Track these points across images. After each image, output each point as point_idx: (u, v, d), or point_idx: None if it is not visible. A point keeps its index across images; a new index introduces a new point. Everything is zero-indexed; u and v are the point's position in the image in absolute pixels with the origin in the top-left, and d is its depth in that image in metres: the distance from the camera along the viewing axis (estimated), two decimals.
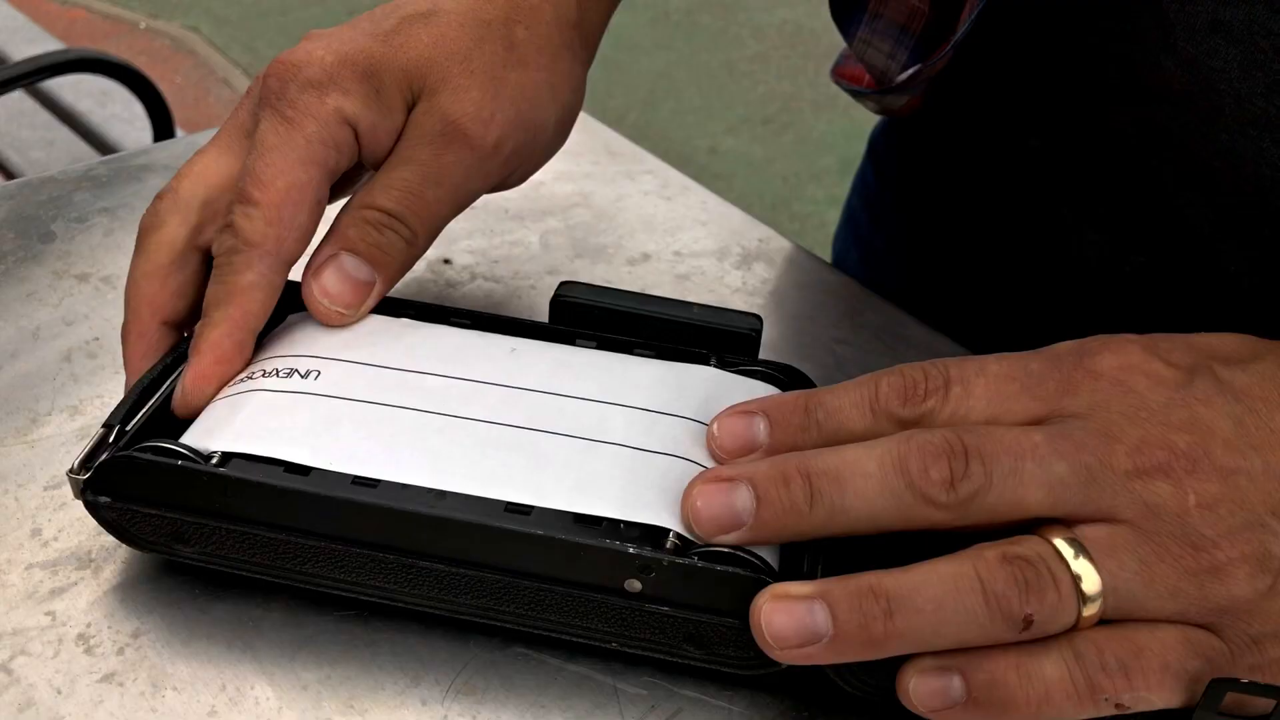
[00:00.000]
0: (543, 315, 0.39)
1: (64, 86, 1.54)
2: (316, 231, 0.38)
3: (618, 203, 0.55)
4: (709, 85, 2.81)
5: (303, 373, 0.35)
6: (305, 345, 0.36)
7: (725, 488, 0.31)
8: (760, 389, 0.37)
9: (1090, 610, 0.30)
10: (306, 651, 0.33)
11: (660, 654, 0.32)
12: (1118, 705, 0.29)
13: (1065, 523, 0.31)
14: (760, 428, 0.33)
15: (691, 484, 0.31)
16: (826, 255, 0.53)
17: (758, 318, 0.39)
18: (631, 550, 0.30)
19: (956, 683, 0.30)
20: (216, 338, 0.36)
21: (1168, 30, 0.42)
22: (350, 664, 0.33)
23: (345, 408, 0.34)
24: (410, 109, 0.39)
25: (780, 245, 0.53)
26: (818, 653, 0.30)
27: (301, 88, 0.37)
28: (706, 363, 0.38)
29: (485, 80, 0.39)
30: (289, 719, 0.31)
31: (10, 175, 1.52)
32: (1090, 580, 0.29)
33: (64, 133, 1.56)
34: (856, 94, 0.56)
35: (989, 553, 0.30)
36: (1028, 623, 0.29)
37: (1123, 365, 0.32)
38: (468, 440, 0.33)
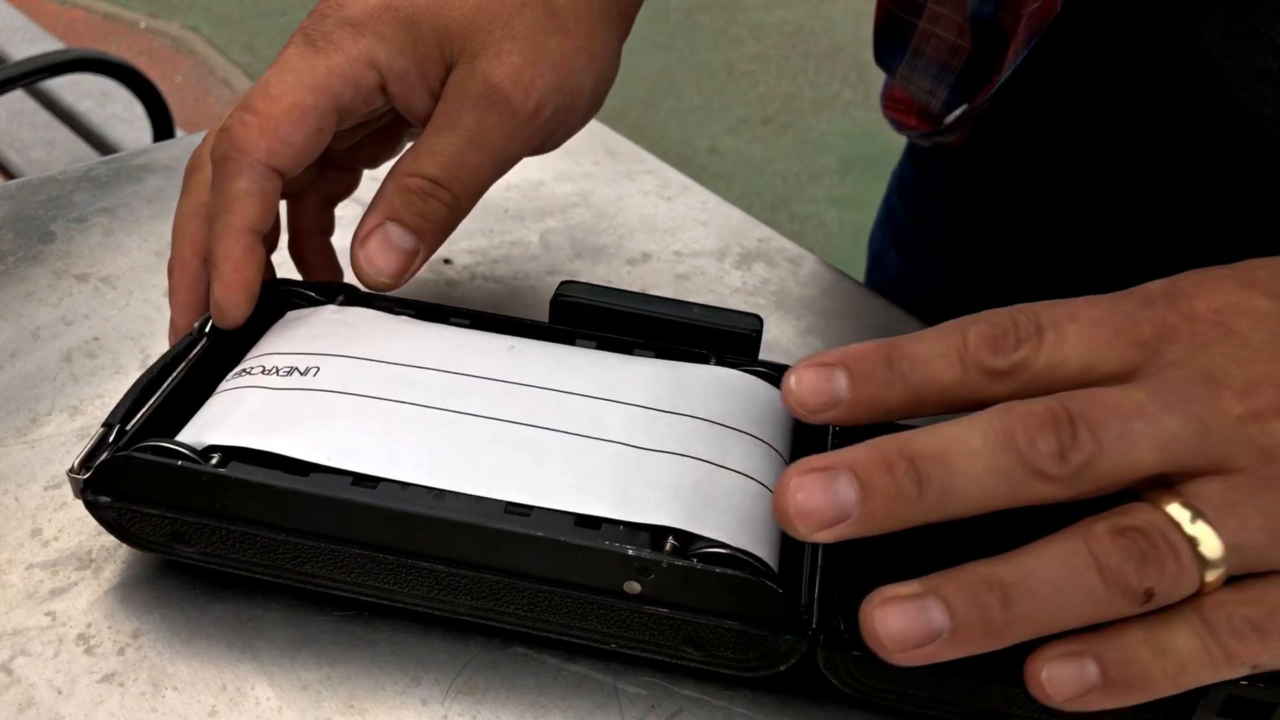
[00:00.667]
0: (543, 315, 0.39)
1: (64, 86, 1.54)
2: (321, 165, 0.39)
3: (618, 203, 0.55)
4: (709, 85, 2.81)
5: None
6: (304, 343, 0.36)
7: (824, 478, 0.29)
8: (761, 387, 0.37)
9: (1213, 575, 0.28)
10: (306, 651, 0.33)
11: (660, 655, 0.32)
12: (1254, 666, 0.28)
13: (1170, 483, 0.29)
14: (841, 381, 0.31)
15: (786, 476, 0.29)
16: (827, 255, 0.53)
17: (758, 318, 0.39)
18: (631, 552, 0.30)
19: (1090, 667, 0.29)
20: (225, 247, 0.37)
21: (1215, 75, 0.42)
22: (350, 664, 0.33)
23: (344, 402, 0.34)
24: (449, 67, 0.39)
25: (780, 245, 0.53)
26: (938, 649, 0.28)
27: (339, 23, 0.38)
28: (706, 363, 0.38)
29: (526, 45, 0.39)
30: (289, 719, 0.31)
31: (10, 175, 1.52)
32: (1210, 544, 0.28)
33: (64, 133, 1.56)
34: (910, 135, 0.56)
35: (1098, 527, 0.29)
36: (1149, 596, 0.28)
37: (1221, 306, 0.31)
38: (466, 435, 0.33)
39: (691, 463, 0.33)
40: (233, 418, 0.33)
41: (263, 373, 0.35)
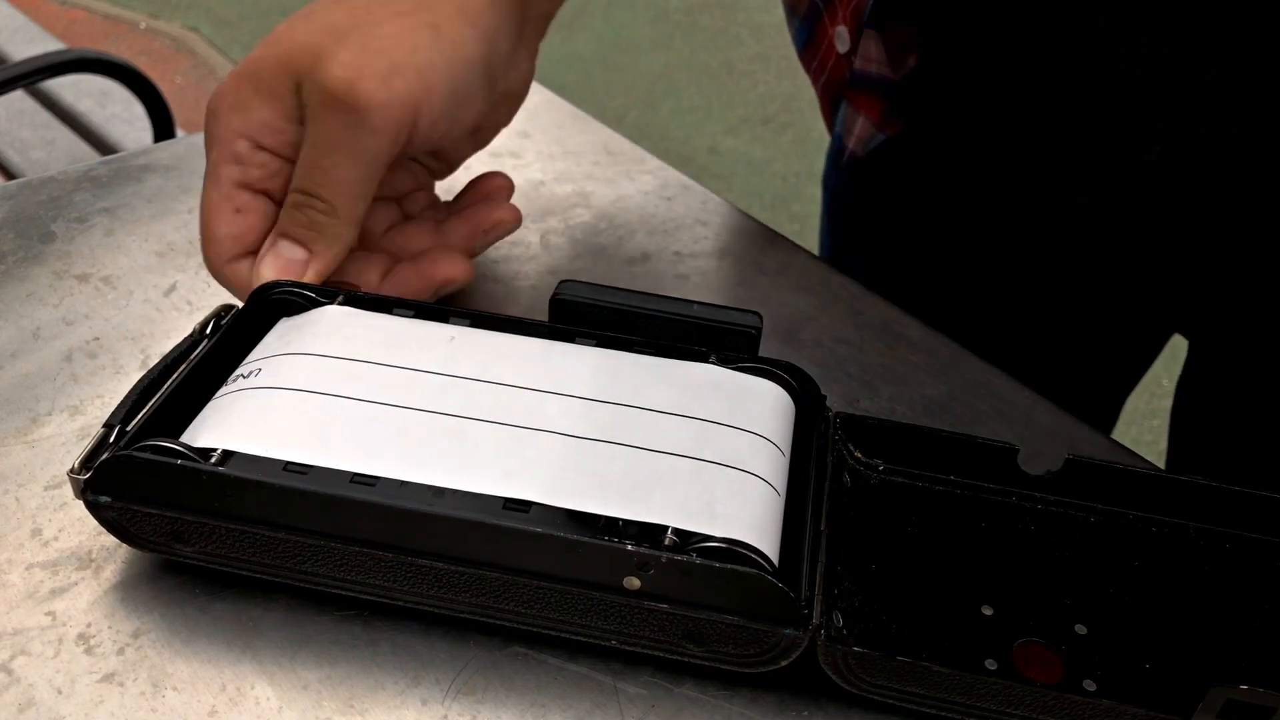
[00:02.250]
0: (543, 315, 0.39)
1: (64, 86, 1.54)
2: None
3: (618, 203, 0.55)
4: (709, 85, 2.81)
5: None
6: (255, 352, 0.37)
7: None
8: (712, 373, 0.37)
9: None
10: (306, 651, 0.33)
11: (660, 652, 0.32)
12: None
13: None
14: None
15: None
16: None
17: (758, 315, 0.39)
18: (630, 547, 0.30)
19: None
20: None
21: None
22: (350, 664, 0.33)
23: (279, 397, 0.34)
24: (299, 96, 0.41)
25: (780, 245, 0.53)
26: None
27: (210, 117, 0.42)
28: (705, 360, 0.38)
29: (354, 43, 0.40)
30: (289, 719, 0.31)
31: (10, 175, 1.52)
32: None
33: (64, 133, 1.56)
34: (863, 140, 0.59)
35: None
36: None
37: None
38: (396, 426, 0.34)
39: (625, 449, 0.33)
40: (193, 427, 0.34)
41: (241, 379, 0.36)
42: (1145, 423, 1.78)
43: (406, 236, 0.46)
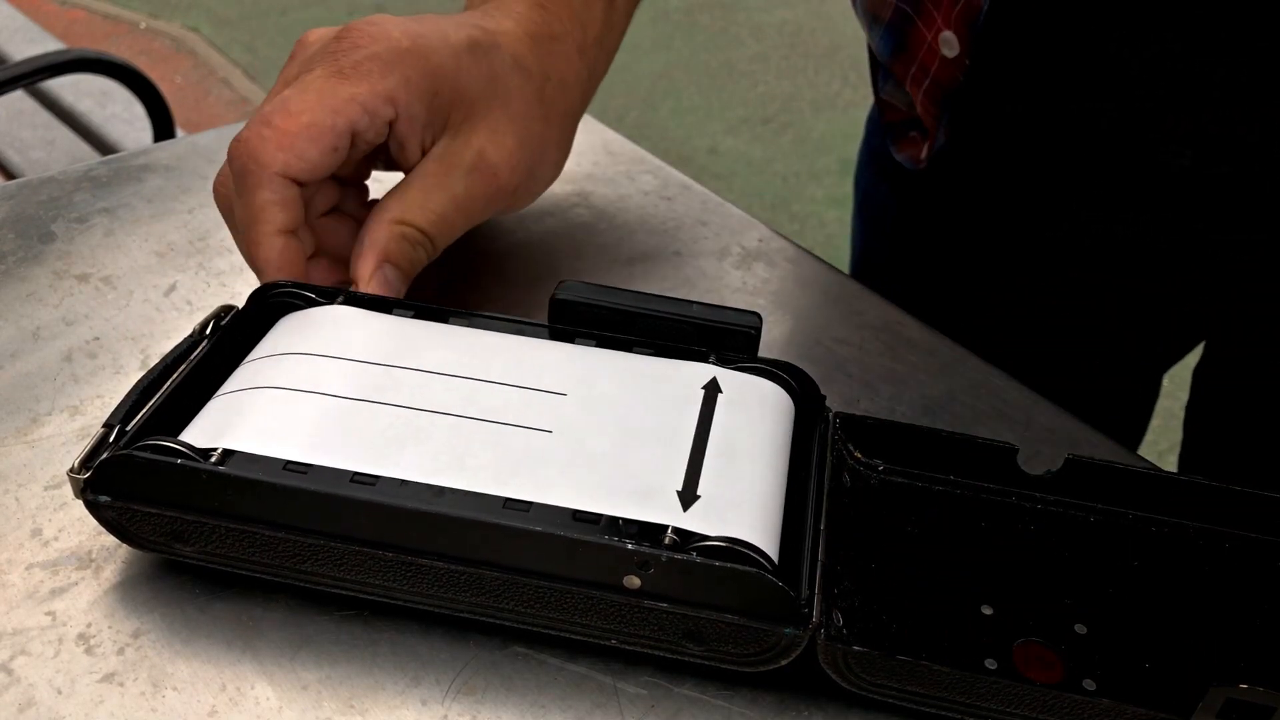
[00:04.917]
0: (543, 315, 0.39)
1: (64, 86, 1.54)
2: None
3: (618, 203, 0.55)
4: (709, 85, 2.81)
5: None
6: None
7: None
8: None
9: None
10: (306, 651, 0.33)
11: (660, 651, 0.32)
12: None
13: None
14: None
15: None
16: (827, 255, 0.53)
17: (757, 315, 0.39)
18: (630, 546, 0.30)
19: None
20: (265, 254, 0.39)
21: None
22: (350, 664, 0.33)
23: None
24: (446, 127, 0.42)
25: (780, 245, 0.53)
26: None
27: (370, 57, 0.40)
28: (705, 360, 0.38)
29: (519, 127, 0.43)
30: (289, 719, 0.31)
31: (10, 175, 1.52)
32: None
33: (64, 133, 1.56)
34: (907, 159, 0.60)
35: None
36: None
37: None
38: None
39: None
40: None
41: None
42: None
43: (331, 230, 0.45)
